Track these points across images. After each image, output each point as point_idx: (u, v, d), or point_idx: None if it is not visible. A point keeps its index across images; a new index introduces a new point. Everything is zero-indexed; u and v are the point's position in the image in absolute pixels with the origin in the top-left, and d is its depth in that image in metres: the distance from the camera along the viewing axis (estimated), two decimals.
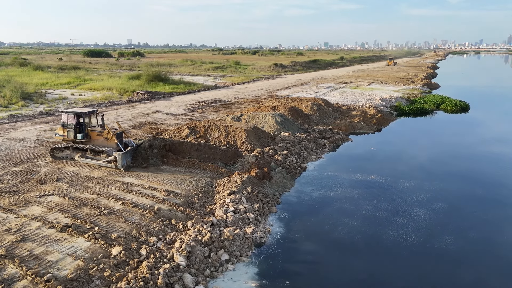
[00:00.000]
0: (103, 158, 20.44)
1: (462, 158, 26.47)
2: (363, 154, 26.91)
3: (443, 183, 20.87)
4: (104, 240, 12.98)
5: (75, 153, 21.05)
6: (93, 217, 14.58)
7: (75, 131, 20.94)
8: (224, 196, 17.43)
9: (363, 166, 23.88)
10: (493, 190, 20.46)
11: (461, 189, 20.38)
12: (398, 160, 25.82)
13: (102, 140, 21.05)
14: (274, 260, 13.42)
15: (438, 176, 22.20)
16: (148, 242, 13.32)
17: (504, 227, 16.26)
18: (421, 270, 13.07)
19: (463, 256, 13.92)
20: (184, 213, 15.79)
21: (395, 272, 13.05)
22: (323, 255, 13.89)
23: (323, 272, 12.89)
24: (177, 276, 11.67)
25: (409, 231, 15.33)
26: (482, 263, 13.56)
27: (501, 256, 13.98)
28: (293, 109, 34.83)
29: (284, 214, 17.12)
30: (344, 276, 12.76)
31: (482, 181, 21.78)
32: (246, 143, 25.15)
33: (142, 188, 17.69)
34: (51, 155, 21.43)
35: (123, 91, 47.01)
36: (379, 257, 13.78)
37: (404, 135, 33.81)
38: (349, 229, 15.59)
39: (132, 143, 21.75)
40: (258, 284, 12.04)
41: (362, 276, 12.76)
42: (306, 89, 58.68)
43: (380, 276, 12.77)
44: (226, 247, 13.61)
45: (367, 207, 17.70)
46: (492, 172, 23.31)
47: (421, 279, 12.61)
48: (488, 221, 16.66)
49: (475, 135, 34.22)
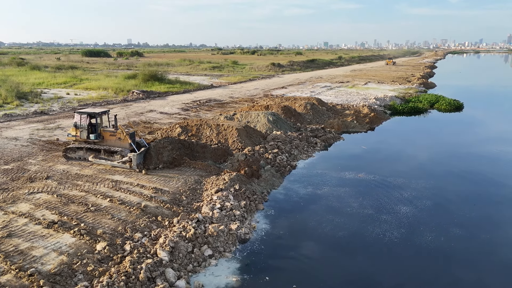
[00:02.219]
0: (117, 159, 20.42)
1: (450, 156, 26.69)
2: (353, 153, 27.14)
3: (429, 181, 21.10)
4: (89, 236, 13.20)
5: (89, 154, 21.01)
6: (80, 214, 14.80)
7: (88, 131, 20.89)
8: (211, 194, 17.66)
9: (353, 164, 24.11)
10: (481, 188, 20.70)
11: (446, 187, 20.59)
12: (388, 158, 26.05)
13: (115, 140, 20.91)
14: (257, 256, 13.65)
15: (425, 174, 22.44)
16: (133, 238, 13.55)
17: (490, 223, 16.48)
18: (401, 265, 13.30)
19: (443, 252, 14.12)
20: (171, 210, 16.01)
21: (375, 267, 13.26)
22: (305, 251, 14.11)
23: (304, 267, 13.11)
24: (160, 271, 11.89)
25: (391, 228, 15.56)
26: (462, 258, 13.79)
27: (481, 252, 14.20)
28: (286, 108, 35.05)
29: (271, 211, 17.35)
30: (325, 272, 12.98)
31: (469, 179, 22.03)
32: (237, 142, 25.37)
33: (131, 185, 17.91)
34: (63, 156, 21.26)
35: (118, 90, 47.23)
36: (360, 253, 14.01)
37: (396, 134, 34.03)
38: (333, 226, 15.82)
39: (144, 142, 21.69)
40: (239, 279, 12.27)
41: (343, 272, 13.00)
42: (302, 88, 58.88)
43: (360, 272, 13.00)
44: (210, 243, 13.84)
45: (352, 204, 17.93)
46: (479, 170, 23.53)
47: (401, 274, 12.84)
48: (471, 218, 16.88)
49: (465, 133, 34.44)
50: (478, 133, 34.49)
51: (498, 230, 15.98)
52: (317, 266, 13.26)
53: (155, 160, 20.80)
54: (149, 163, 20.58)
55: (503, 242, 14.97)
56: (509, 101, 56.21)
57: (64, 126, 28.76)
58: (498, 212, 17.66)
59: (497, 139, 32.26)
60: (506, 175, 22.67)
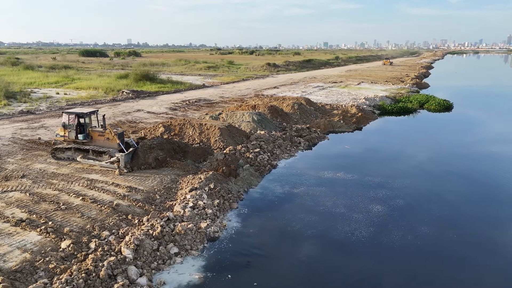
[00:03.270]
0: (105, 159, 20.41)
1: (431, 156, 26.79)
2: (336, 153, 27.24)
3: (406, 180, 21.20)
4: (55, 234, 13.28)
5: (77, 154, 20.98)
6: (50, 212, 14.88)
7: (76, 131, 20.87)
8: (185, 193, 17.75)
9: (333, 164, 24.21)
10: (458, 186, 20.79)
11: (422, 186, 20.67)
12: (369, 158, 26.13)
13: (104, 140, 20.93)
14: (224, 254, 13.74)
15: (403, 173, 22.54)
16: (100, 236, 13.63)
17: (466, 222, 16.58)
18: (364, 263, 13.39)
19: (410, 250, 14.22)
20: (143, 209, 16.09)
21: (339, 266, 13.36)
22: (271, 249, 14.20)
23: (267, 266, 13.21)
24: (122, 268, 11.98)
25: (360, 227, 15.66)
26: (427, 257, 13.88)
27: (445, 249, 14.31)
28: (273, 108, 35.15)
29: (244, 210, 17.44)
30: (287, 270, 13.07)
31: (447, 178, 22.13)
32: (219, 141, 25.47)
33: (106, 184, 18.00)
34: (52, 156, 21.22)
35: (109, 90, 47.31)
36: (325, 252, 14.11)
37: (381, 134, 34.10)
38: (302, 224, 15.91)
39: (133, 142, 21.68)
40: (202, 276, 12.36)
41: (305, 270, 13.07)
42: (294, 88, 58.98)
43: (323, 270, 13.10)
44: (177, 241, 13.94)
45: (326, 203, 18.02)
46: (458, 169, 23.64)
47: (364, 271, 12.93)
48: (440, 217, 16.97)
49: (450, 133, 34.49)
50: (463, 133, 34.59)
51: (470, 228, 16.07)
52: (281, 264, 13.34)
53: (141, 161, 20.85)
54: (135, 163, 20.58)
55: (470, 241, 15.06)
56: (500, 102, 56.32)
57: (48, 126, 28.85)
58: (477, 210, 17.77)
59: (482, 138, 32.37)
60: (488, 173, 22.77)
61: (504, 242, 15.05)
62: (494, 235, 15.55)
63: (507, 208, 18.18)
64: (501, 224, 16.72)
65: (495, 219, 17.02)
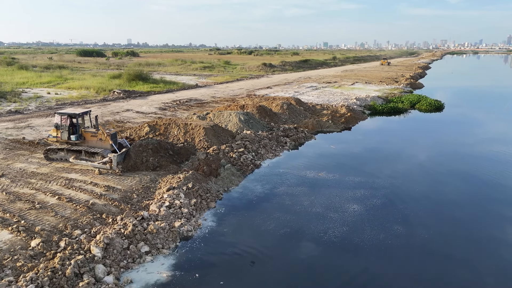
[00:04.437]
0: (97, 160, 20.39)
1: (415, 155, 26.88)
2: (321, 152, 27.30)
3: (387, 180, 21.28)
4: (26, 233, 13.34)
5: (70, 155, 20.95)
6: (24, 211, 14.94)
7: (68, 132, 20.84)
8: (163, 192, 17.82)
9: (317, 163, 24.29)
10: (437, 185, 20.87)
11: (403, 186, 20.75)
12: (353, 158, 26.19)
13: (97, 141, 20.92)
14: (195, 252, 13.81)
15: (385, 173, 22.62)
16: (71, 235, 13.69)
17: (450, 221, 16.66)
18: (337, 262, 13.48)
19: (381, 250, 14.30)
20: (119, 208, 16.16)
21: (311, 264, 13.42)
22: (243, 248, 14.25)
23: (237, 265, 13.29)
24: (89, 267, 12.05)
25: (334, 226, 15.74)
26: (393, 256, 13.97)
27: (421, 248, 14.39)
28: (261, 108, 35.21)
29: (222, 209, 17.51)
30: (256, 269, 13.13)
31: (427, 177, 22.21)
32: (204, 141, 25.53)
33: (84, 183, 18.06)
34: (45, 157, 21.19)
35: (100, 90, 47.36)
36: (297, 250, 14.17)
37: (369, 134, 34.16)
38: (277, 223, 15.99)
39: (126, 143, 21.61)
40: (170, 275, 12.44)
41: (275, 269, 13.14)
42: (287, 88, 59.04)
43: (294, 267, 13.16)
44: (148, 239, 14.00)
45: (304, 203, 18.09)
46: (443, 166, 23.72)
47: (335, 270, 13.02)
48: (415, 216, 17.05)
49: (437, 132, 34.56)
50: (450, 132, 34.64)
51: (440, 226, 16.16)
52: (251, 263, 13.40)
53: (132, 162, 20.70)
54: (126, 164, 20.46)
55: (442, 240, 15.15)
56: (492, 102, 56.42)
57: (34, 125, 28.90)
58: (457, 208, 17.86)
59: (469, 137, 32.47)
60: (473, 172, 22.86)
61: (492, 239, 15.13)
62: (474, 233, 15.64)
63: (494, 205, 18.27)
64: (488, 222, 16.80)
65: (477, 217, 17.11)
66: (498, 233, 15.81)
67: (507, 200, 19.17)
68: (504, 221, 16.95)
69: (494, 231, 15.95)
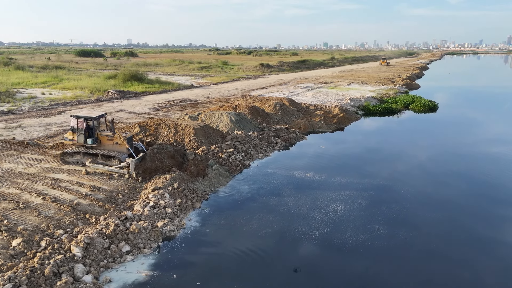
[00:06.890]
0: (114, 163, 20.28)
1: (404, 156, 27.00)
2: (311, 153, 27.40)
3: (374, 180, 21.38)
4: (8, 232, 13.45)
5: (86, 158, 20.90)
6: (7, 211, 15.04)
7: (85, 135, 20.81)
8: (148, 192, 17.93)
9: (305, 164, 24.39)
10: (427, 185, 20.98)
11: (389, 186, 20.85)
12: (342, 158, 26.29)
13: (113, 144, 20.84)
14: (176, 252, 13.92)
15: (372, 173, 22.71)
16: (53, 235, 13.80)
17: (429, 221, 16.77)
18: (319, 262, 13.58)
19: (359, 249, 14.41)
20: (103, 208, 16.27)
21: (291, 262, 13.53)
22: (224, 248, 14.36)
23: (216, 265, 13.39)
24: (68, 266, 12.15)
25: (317, 226, 15.85)
26: (377, 257, 14.08)
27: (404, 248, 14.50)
28: (254, 109, 35.32)
29: (207, 209, 17.61)
30: (235, 270, 13.23)
31: (411, 179, 22.31)
32: (193, 141, 25.63)
33: (70, 184, 18.16)
34: (61, 160, 21.16)
35: (95, 90, 47.47)
36: (278, 250, 14.27)
37: (360, 134, 34.27)
38: (260, 223, 16.09)
39: (142, 147, 21.50)
40: (149, 274, 12.55)
41: (255, 270, 13.24)
42: (282, 89, 59.16)
43: (274, 267, 13.26)
44: (130, 239, 14.11)
45: (288, 203, 18.20)
46: (432, 166, 23.83)
47: (316, 270, 13.12)
48: (395, 218, 17.16)
49: (428, 132, 34.69)
50: (441, 132, 34.75)
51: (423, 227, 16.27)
52: (230, 263, 13.51)
53: (148, 166, 20.10)
54: (141, 167, 19.89)
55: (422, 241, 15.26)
56: (487, 102, 56.55)
57: (26, 126, 29.01)
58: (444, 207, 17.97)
59: (461, 137, 32.58)
60: (464, 172, 22.98)
61: (487, 237, 15.25)
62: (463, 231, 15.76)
63: (493, 205, 18.38)
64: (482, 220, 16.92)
65: (472, 216, 17.23)
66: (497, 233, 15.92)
67: (500, 199, 19.27)
68: (500, 220, 17.05)
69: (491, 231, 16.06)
